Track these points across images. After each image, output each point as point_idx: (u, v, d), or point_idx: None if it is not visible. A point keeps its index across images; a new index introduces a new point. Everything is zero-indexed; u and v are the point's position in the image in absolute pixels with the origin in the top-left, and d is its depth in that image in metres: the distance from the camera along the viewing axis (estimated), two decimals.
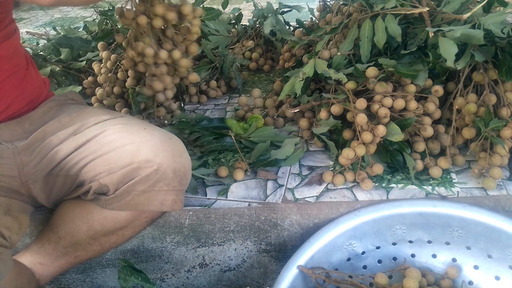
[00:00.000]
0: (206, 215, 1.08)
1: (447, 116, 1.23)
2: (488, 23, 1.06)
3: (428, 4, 1.21)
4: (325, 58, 1.30)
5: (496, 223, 0.95)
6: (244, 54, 1.90)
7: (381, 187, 1.11)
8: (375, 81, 1.16)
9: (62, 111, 1.04)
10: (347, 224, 0.99)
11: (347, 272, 1.00)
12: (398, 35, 1.18)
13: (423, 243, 1.02)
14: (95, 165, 0.95)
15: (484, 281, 0.99)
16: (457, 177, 1.13)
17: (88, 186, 0.96)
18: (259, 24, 1.96)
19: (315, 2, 1.94)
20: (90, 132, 0.97)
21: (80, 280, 1.19)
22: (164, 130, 1.02)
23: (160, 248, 1.12)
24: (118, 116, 1.02)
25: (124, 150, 0.93)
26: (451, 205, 0.99)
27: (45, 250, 1.02)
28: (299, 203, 1.08)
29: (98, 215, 0.97)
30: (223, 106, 1.64)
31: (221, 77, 1.73)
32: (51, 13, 3.61)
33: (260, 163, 1.21)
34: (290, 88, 1.25)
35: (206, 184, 1.19)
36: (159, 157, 0.93)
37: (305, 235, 1.06)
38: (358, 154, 1.11)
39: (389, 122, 1.13)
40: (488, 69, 1.15)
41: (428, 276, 0.99)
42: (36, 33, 2.23)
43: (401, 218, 1.00)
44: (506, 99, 1.13)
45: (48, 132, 0.99)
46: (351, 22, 1.32)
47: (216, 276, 1.15)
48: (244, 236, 1.09)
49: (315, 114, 1.32)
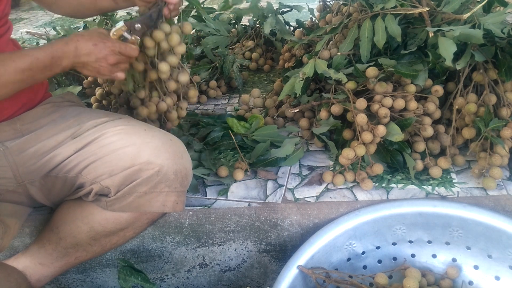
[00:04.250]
0: (206, 215, 1.08)
1: (447, 116, 1.23)
2: (488, 23, 1.06)
3: (428, 4, 1.21)
4: (325, 58, 1.31)
5: (496, 223, 0.95)
6: (244, 54, 1.91)
7: (381, 187, 1.11)
8: (375, 81, 1.16)
9: (58, 113, 1.04)
10: (347, 224, 1.00)
11: (347, 272, 1.00)
12: (398, 35, 1.18)
13: (423, 243, 1.02)
14: (95, 167, 0.95)
15: (484, 281, 0.99)
16: (457, 177, 1.13)
17: (89, 188, 0.96)
18: (259, 24, 1.97)
19: (315, 2, 1.94)
20: (90, 135, 0.97)
21: (80, 280, 1.19)
22: (165, 131, 1.02)
23: (160, 248, 1.12)
24: (117, 118, 1.01)
25: (125, 152, 0.93)
26: (451, 205, 0.99)
27: (45, 251, 1.02)
28: (299, 203, 1.08)
29: (99, 216, 0.97)
30: (223, 106, 1.64)
31: (221, 77, 1.73)
32: (51, 13, 3.61)
33: (260, 163, 1.21)
34: (290, 88, 1.25)
35: (206, 184, 1.19)
36: (160, 158, 0.93)
37: (305, 235, 1.06)
38: (358, 154, 1.11)
39: (389, 122, 1.13)
40: (488, 69, 1.15)
41: (428, 276, 0.99)
42: (36, 33, 2.23)
43: (401, 218, 1.00)
44: (506, 99, 1.13)
45: (42, 134, 0.98)
46: (351, 22, 1.32)
47: (216, 276, 1.15)
48: (244, 236, 1.09)
49: (315, 114, 1.32)
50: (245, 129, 1.33)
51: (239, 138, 1.31)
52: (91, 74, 0.98)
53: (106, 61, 0.95)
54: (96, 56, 0.93)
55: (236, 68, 1.70)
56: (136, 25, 1.01)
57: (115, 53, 0.95)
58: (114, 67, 0.97)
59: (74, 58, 0.92)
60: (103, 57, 0.94)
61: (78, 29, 2.23)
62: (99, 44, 0.93)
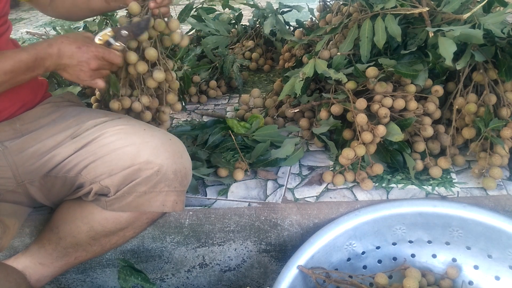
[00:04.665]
0: (206, 215, 1.08)
1: (447, 116, 1.23)
2: (488, 23, 1.06)
3: (428, 4, 1.21)
4: (325, 58, 1.31)
5: (496, 223, 0.95)
6: (244, 54, 1.91)
7: (381, 187, 1.11)
8: (375, 81, 1.16)
9: (58, 112, 1.04)
10: (347, 224, 1.00)
11: (347, 272, 1.00)
12: (398, 35, 1.18)
13: (423, 243, 1.02)
14: (95, 167, 0.95)
15: (484, 281, 0.99)
16: (457, 177, 1.13)
17: (89, 187, 0.96)
18: (259, 24, 1.97)
19: (315, 2, 1.94)
20: (89, 135, 0.97)
21: (80, 280, 1.19)
22: (164, 131, 1.01)
23: (160, 248, 1.12)
24: (117, 118, 1.01)
25: (124, 151, 0.93)
26: (451, 205, 0.99)
27: (45, 251, 1.02)
28: (299, 203, 1.08)
29: (99, 216, 0.97)
30: (223, 106, 1.64)
31: (221, 77, 1.73)
32: None
33: (260, 163, 1.21)
34: (290, 88, 1.25)
35: (206, 184, 1.19)
36: (159, 158, 0.93)
37: (305, 235, 1.06)
38: (358, 154, 1.11)
39: (389, 122, 1.13)
40: (488, 69, 1.15)
41: (428, 276, 0.99)
42: (36, 33, 2.23)
43: (401, 218, 1.00)
44: (506, 99, 1.13)
45: (42, 134, 0.98)
46: (351, 22, 1.32)
47: (216, 276, 1.15)
48: (244, 236, 1.09)
49: (315, 114, 1.32)
50: (245, 129, 1.33)
51: (240, 138, 1.31)
52: (71, 78, 0.96)
53: (88, 65, 0.93)
54: (78, 59, 0.92)
55: (236, 68, 1.70)
56: (122, 32, 0.99)
57: (98, 58, 0.94)
58: (95, 72, 0.95)
59: (57, 60, 0.92)
60: (85, 61, 0.93)
61: (78, 29, 2.23)
62: (82, 47, 0.92)
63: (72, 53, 0.92)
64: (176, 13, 1.60)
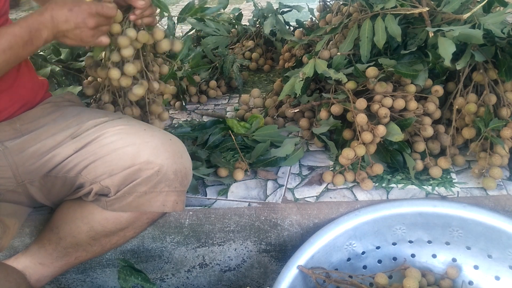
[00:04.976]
0: (206, 215, 1.08)
1: (447, 116, 1.23)
2: (488, 23, 1.06)
3: (428, 4, 1.21)
4: (325, 58, 1.31)
5: (496, 223, 0.95)
6: (244, 54, 1.91)
7: (381, 187, 1.11)
8: (375, 81, 1.16)
9: (58, 112, 1.04)
10: (347, 224, 1.00)
11: (347, 272, 1.00)
12: (398, 35, 1.18)
13: (423, 243, 1.02)
14: (95, 167, 0.94)
15: (484, 281, 0.99)
16: (457, 177, 1.13)
17: (89, 187, 0.96)
18: (259, 24, 1.97)
19: (315, 2, 1.94)
20: (89, 135, 0.97)
21: (80, 280, 1.19)
22: (164, 131, 1.01)
23: (160, 248, 1.12)
24: (117, 118, 1.01)
25: (124, 152, 0.93)
26: (451, 205, 0.99)
27: (45, 251, 1.02)
28: (299, 203, 1.08)
29: (99, 216, 0.97)
30: (223, 106, 1.64)
31: (221, 77, 1.73)
32: None
33: (260, 163, 1.21)
34: (290, 88, 1.25)
35: (206, 184, 1.19)
36: (160, 158, 0.93)
37: (305, 235, 1.06)
38: (358, 154, 1.11)
39: (389, 122, 1.13)
40: (488, 69, 1.15)
41: (428, 276, 0.99)
42: None
43: (401, 218, 1.00)
44: (506, 99, 1.13)
45: (42, 134, 0.98)
46: (351, 22, 1.32)
47: (216, 276, 1.15)
48: (244, 236, 1.09)
49: (315, 114, 1.32)
50: (245, 129, 1.33)
51: (240, 138, 1.31)
52: (75, 42, 0.94)
53: (85, 25, 0.91)
54: (74, 21, 0.90)
55: (236, 68, 1.70)
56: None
57: (92, 15, 0.91)
58: (95, 30, 0.93)
59: (53, 28, 0.90)
60: (82, 21, 0.91)
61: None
62: (74, 8, 0.90)
63: (66, 17, 0.90)
64: (177, 13, 1.60)
